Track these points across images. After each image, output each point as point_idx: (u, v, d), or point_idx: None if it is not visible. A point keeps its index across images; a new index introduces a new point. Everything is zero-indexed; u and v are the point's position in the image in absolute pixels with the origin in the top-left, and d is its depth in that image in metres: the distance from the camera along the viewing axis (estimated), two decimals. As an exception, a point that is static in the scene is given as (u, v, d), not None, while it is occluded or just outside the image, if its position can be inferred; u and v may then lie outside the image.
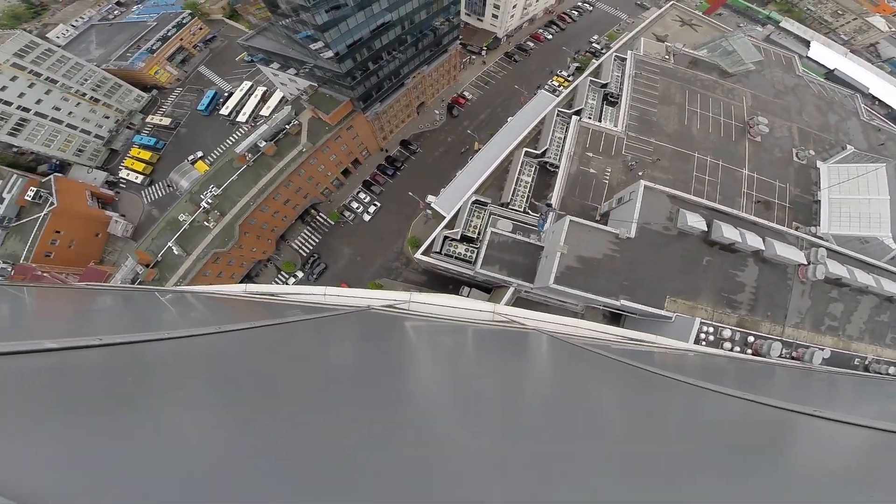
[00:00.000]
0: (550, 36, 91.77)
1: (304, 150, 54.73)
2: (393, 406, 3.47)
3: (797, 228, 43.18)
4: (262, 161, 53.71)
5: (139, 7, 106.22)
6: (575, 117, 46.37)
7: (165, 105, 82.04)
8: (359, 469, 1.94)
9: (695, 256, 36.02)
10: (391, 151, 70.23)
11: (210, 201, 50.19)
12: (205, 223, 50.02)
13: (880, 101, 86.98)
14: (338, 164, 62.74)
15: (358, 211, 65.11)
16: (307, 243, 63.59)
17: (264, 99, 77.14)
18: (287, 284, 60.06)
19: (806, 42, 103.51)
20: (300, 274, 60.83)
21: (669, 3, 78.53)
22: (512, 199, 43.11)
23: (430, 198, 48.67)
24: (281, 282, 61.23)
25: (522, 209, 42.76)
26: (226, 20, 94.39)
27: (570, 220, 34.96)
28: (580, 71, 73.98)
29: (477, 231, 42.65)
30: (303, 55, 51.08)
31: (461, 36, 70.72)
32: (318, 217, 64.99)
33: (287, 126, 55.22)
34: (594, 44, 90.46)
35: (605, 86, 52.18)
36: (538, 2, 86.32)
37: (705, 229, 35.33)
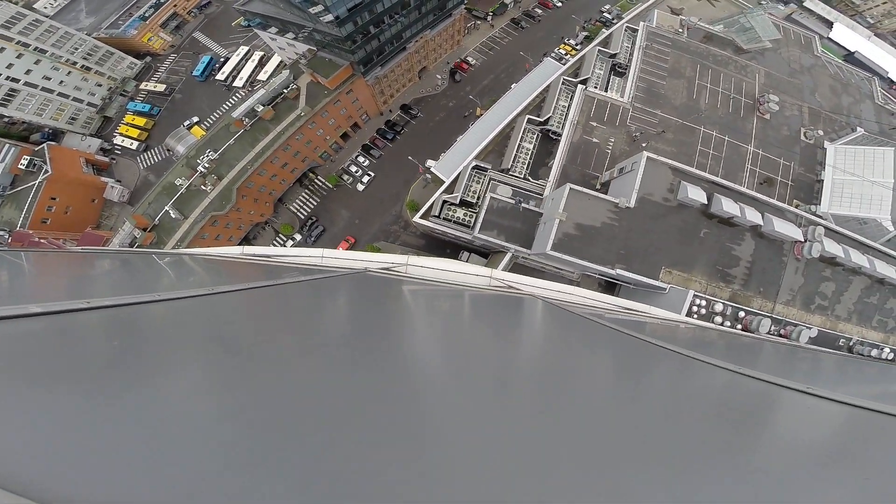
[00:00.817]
0: (560, 3, 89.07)
1: (303, 115, 54.20)
2: (387, 369, 3.47)
3: (797, 206, 43.49)
4: (260, 125, 53.27)
5: None
6: (581, 86, 45.87)
7: (160, 72, 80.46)
8: (352, 431, 1.91)
9: (693, 229, 36.38)
10: (391, 115, 69.43)
11: (207, 165, 49.99)
12: (202, 187, 50.08)
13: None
14: (337, 129, 62.11)
15: (356, 174, 64.97)
16: (305, 206, 63.78)
17: (262, 63, 75.58)
18: (285, 247, 60.64)
19: (829, 23, 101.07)
20: (298, 236, 61.34)
21: None
22: (512, 166, 43.05)
23: (430, 162, 48.45)
24: (279, 244, 61.79)
25: (523, 176, 42.67)
26: None
27: (571, 188, 35.12)
28: (589, 40, 72.20)
29: (476, 196, 42.74)
30: (301, 19, 49.97)
31: (466, 0, 68.66)
32: (317, 180, 64.83)
33: (285, 90, 54.52)
34: (605, 13, 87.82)
35: (614, 56, 51.20)
36: None
37: (705, 202, 35.58)
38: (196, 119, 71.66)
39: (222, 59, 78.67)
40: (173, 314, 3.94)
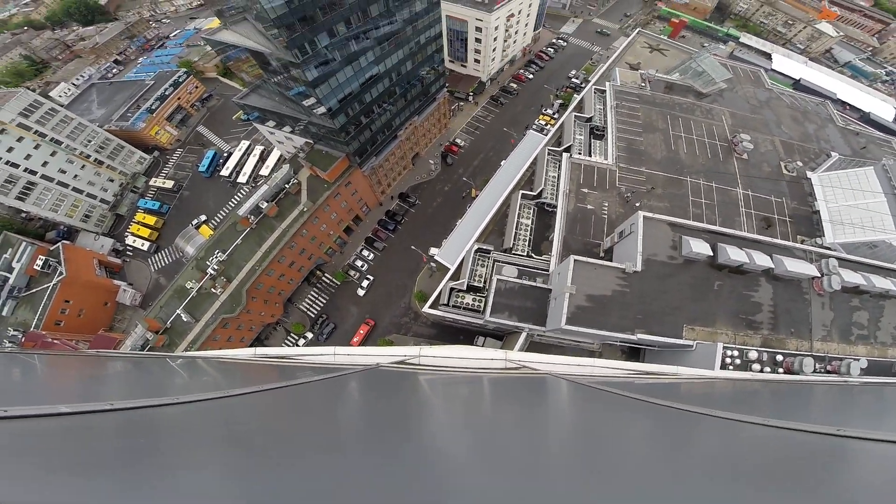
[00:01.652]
0: (531, 75, 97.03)
1: (306, 210, 56.05)
2: (405, 460, 3.52)
3: (803, 242, 44.03)
4: (265, 223, 54.95)
5: (139, 64, 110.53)
6: (565, 154, 48.55)
7: (168, 167, 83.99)
8: None
9: (705, 282, 36.52)
10: (390, 206, 72.26)
11: (216, 268, 50.63)
12: (212, 290, 50.92)
13: (851, 106, 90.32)
14: (339, 222, 64.34)
15: (361, 269, 66.34)
16: (315, 304, 64.54)
17: (263, 158, 79.16)
18: (297, 346, 60.54)
19: (767, 55, 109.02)
20: (310, 335, 61.51)
21: (636, 31, 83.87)
22: (514, 244, 44.21)
23: (433, 250, 49.78)
24: (291, 343, 61.82)
25: (526, 253, 43.59)
26: (220, 78, 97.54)
27: (575, 260, 35.83)
28: (564, 107, 77.85)
29: (483, 279, 43.32)
30: (297, 112, 53.12)
31: (447, 83, 74.63)
32: (324, 278, 66.18)
33: (287, 185, 56.01)
34: (573, 79, 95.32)
35: (590, 119, 54.87)
36: (515, 43, 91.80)
37: (711, 254, 36.09)
38: (204, 217, 74.44)
39: (226, 154, 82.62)
40: (190, 416, 4.09)
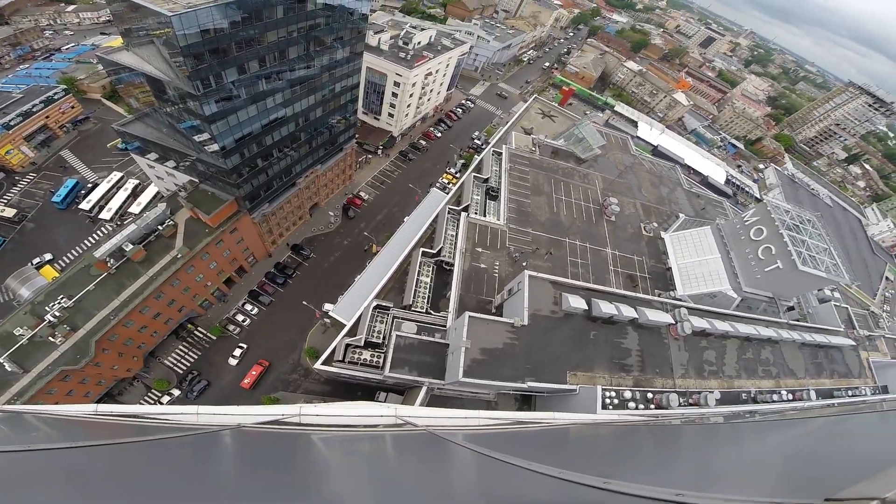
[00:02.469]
0: (440, 134, 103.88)
1: (180, 256, 50.23)
2: None
3: (659, 294, 51.95)
4: (128, 268, 47.92)
5: (12, 74, 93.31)
6: (464, 214, 51.90)
7: (11, 192, 69.93)
8: None
9: (583, 333, 40.83)
10: (282, 258, 68.53)
11: (58, 314, 43.49)
12: (50, 339, 43.14)
13: (694, 170, 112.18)
14: (219, 273, 58.30)
15: (244, 324, 60.99)
16: (184, 360, 57.15)
17: (135, 193, 70.03)
18: (160, 404, 52.78)
19: (634, 123, 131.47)
20: (176, 392, 54.18)
21: (533, 98, 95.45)
22: (414, 301, 44.99)
23: (328, 306, 48.50)
24: (153, 401, 53.63)
25: (425, 310, 44.64)
26: (104, 101, 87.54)
27: (470, 316, 37.76)
28: (466, 167, 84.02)
29: (382, 336, 42.96)
30: (185, 147, 49.19)
31: (358, 134, 74.97)
32: (197, 332, 59.23)
33: (160, 227, 50.22)
34: (476, 139, 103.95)
35: (487, 180, 59.81)
36: (429, 101, 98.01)
37: (586, 308, 40.74)
38: (49, 256, 61.92)
39: (90, 185, 71.03)
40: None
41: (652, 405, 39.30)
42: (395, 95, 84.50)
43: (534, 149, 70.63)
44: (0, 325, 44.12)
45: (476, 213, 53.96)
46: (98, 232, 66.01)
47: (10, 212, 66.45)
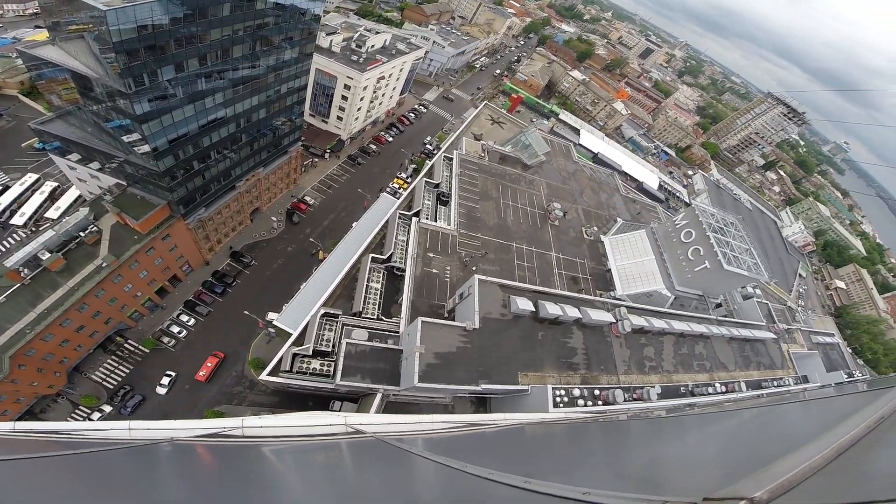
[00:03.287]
0: (391, 138, 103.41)
1: (105, 265, 46.58)
2: None
3: (601, 295, 55.36)
4: (45, 278, 44.18)
5: None
6: (415, 219, 52.13)
7: None
8: None
9: (531, 334, 42.62)
10: (220, 265, 65.06)
11: None
12: None
13: (630, 177, 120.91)
14: (150, 282, 54.63)
15: (180, 336, 57.38)
16: (114, 374, 53.25)
17: (53, 197, 64.09)
18: (91, 420, 49.60)
19: (577, 131, 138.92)
20: (107, 408, 50.91)
21: (484, 104, 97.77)
22: (364, 308, 44.56)
23: (272, 315, 46.87)
24: (82, 418, 50.45)
25: (376, 317, 44.37)
26: (21, 97, 78.95)
27: (423, 321, 38.14)
28: (417, 172, 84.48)
29: (331, 344, 42.11)
30: (112, 147, 45.56)
31: (304, 137, 73.09)
32: (127, 345, 55.11)
33: (82, 233, 46.84)
34: (427, 145, 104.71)
35: (438, 186, 60.52)
36: (381, 105, 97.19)
37: (533, 309, 42.64)
38: None
39: (0, 187, 64.45)
40: None
41: (599, 401, 41.56)
42: (346, 98, 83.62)
43: (483, 154, 72.34)
44: None
45: (427, 219, 54.61)
46: (9, 239, 60.08)
47: None
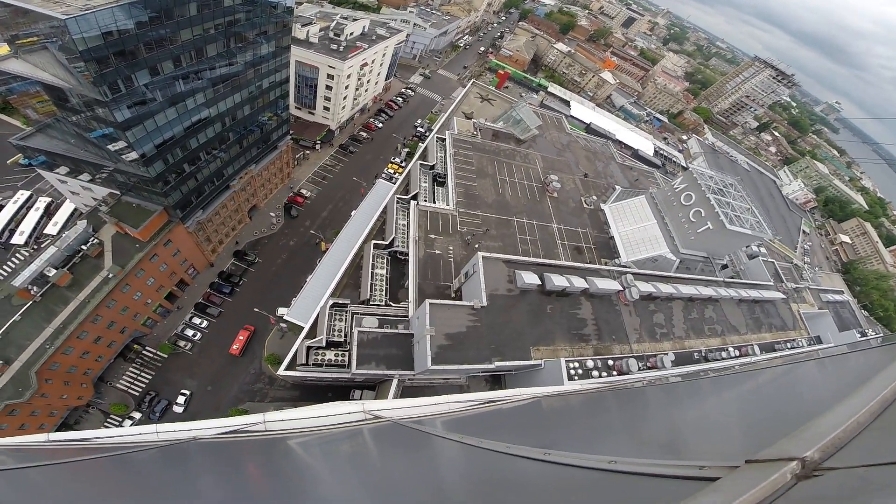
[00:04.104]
0: (381, 124, 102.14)
1: (111, 276, 46.77)
2: None
3: (606, 263, 55.13)
4: (55, 294, 44.36)
5: None
6: (413, 202, 51.77)
7: None
8: None
9: (540, 308, 42.47)
10: (225, 266, 65.08)
11: None
12: None
13: (625, 145, 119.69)
14: (159, 289, 54.88)
15: (196, 339, 57.86)
16: (138, 382, 53.98)
17: (49, 213, 63.06)
18: (121, 427, 50.35)
19: (567, 102, 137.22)
20: (137, 415, 51.85)
21: (471, 82, 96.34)
22: (372, 295, 44.40)
23: (282, 310, 46.72)
24: (115, 426, 51.14)
25: (384, 303, 44.24)
26: None
27: (430, 304, 37.91)
28: (411, 156, 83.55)
29: (343, 334, 42.14)
30: (99, 157, 44.83)
31: (292, 130, 72.34)
32: (145, 352, 55.71)
33: (84, 247, 47.01)
34: (419, 128, 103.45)
35: (433, 167, 59.92)
36: (367, 92, 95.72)
37: (540, 283, 42.38)
38: None
39: None
40: None
41: (614, 371, 41.47)
42: (330, 88, 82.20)
43: (475, 132, 71.54)
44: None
45: (425, 201, 54.02)
46: (13, 259, 59.69)
47: None
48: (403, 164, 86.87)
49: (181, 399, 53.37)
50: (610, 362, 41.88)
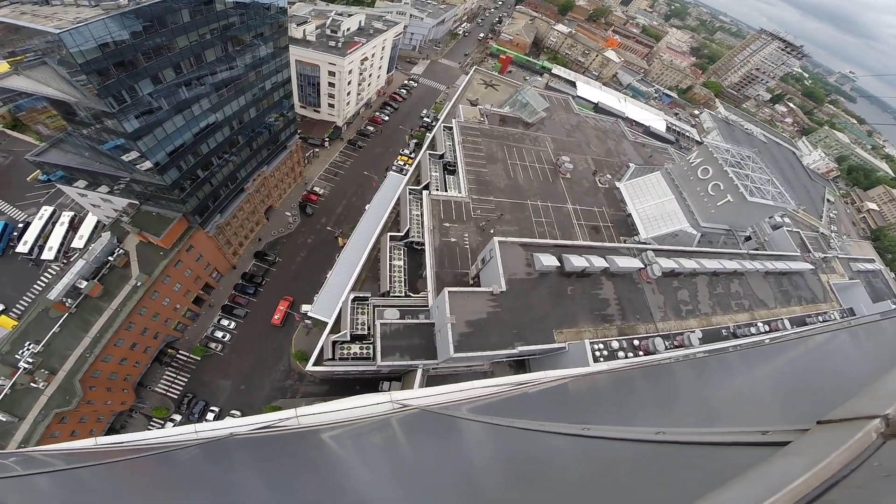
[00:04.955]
0: (387, 117, 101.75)
1: (139, 285, 48.07)
2: None
3: (625, 241, 53.95)
4: (88, 305, 45.91)
5: None
6: (425, 192, 51.38)
7: None
8: None
9: (560, 290, 41.85)
10: (246, 267, 66.17)
11: (31, 360, 42.42)
12: (31, 384, 42.28)
13: (636, 122, 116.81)
14: (185, 293, 56.44)
15: (225, 340, 59.17)
16: (175, 385, 55.65)
17: (74, 226, 64.84)
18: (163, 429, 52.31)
19: (573, 83, 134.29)
20: (177, 417, 53.72)
21: (473, 69, 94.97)
22: (391, 287, 44.38)
23: (305, 307, 47.07)
24: (157, 428, 52.81)
25: (403, 293, 44.18)
26: (7, 132, 78.18)
27: (449, 292, 37.65)
28: (419, 146, 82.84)
29: (366, 326, 42.32)
30: (114, 169, 45.61)
31: (300, 129, 72.55)
32: (179, 355, 57.29)
33: (111, 258, 48.25)
34: (425, 118, 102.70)
35: (442, 156, 59.31)
36: (370, 86, 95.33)
37: (558, 264, 41.65)
38: (1, 307, 58.14)
39: (21, 225, 65.38)
40: None
41: (640, 352, 40.59)
42: (332, 85, 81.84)
43: (482, 119, 70.65)
44: (-24, 379, 41.96)
45: (437, 190, 53.58)
46: (45, 274, 61.87)
47: (-56, 267, 60.31)
48: (412, 156, 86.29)
49: (210, 416, 54.83)
50: (635, 342, 41.08)
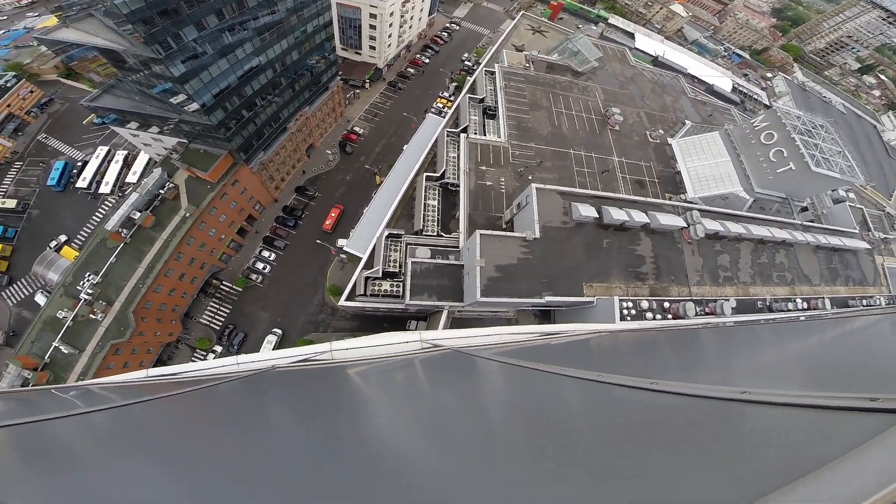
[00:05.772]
0: (427, 60, 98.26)
1: (188, 216, 50.72)
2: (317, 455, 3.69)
3: (670, 198, 50.97)
4: (142, 235, 48.62)
5: None
6: (463, 135, 50.00)
7: (5, 184, 69.22)
8: None
9: (596, 242, 40.47)
10: (288, 201, 68.13)
11: (91, 291, 45.05)
12: (90, 316, 44.92)
13: (698, 79, 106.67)
14: (230, 224, 59.02)
15: (265, 272, 62.03)
16: (218, 316, 59.05)
17: (128, 164, 69.36)
18: (205, 361, 56.41)
19: (631, 35, 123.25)
20: (218, 348, 56.95)
21: (521, 14, 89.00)
22: (424, 226, 44.49)
23: (341, 241, 48.21)
24: (200, 360, 56.49)
25: (436, 233, 44.18)
26: (62, 80, 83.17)
27: (481, 234, 37.17)
28: (458, 90, 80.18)
29: (398, 264, 42.97)
30: (164, 111, 47.39)
31: (341, 71, 72.02)
32: (223, 286, 60.60)
33: (162, 191, 50.83)
34: (466, 61, 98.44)
35: (483, 100, 57.11)
36: (411, 28, 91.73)
37: (597, 216, 40.04)
38: (64, 238, 63.01)
39: (80, 164, 70.70)
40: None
41: (669, 315, 39.29)
42: (374, 28, 79.14)
43: (528, 65, 66.65)
44: (42, 311, 45.68)
45: (476, 134, 51.92)
46: (103, 207, 66.30)
47: (12, 202, 66.37)
48: (452, 99, 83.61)
49: (272, 338, 56.50)
50: (666, 304, 39.60)
